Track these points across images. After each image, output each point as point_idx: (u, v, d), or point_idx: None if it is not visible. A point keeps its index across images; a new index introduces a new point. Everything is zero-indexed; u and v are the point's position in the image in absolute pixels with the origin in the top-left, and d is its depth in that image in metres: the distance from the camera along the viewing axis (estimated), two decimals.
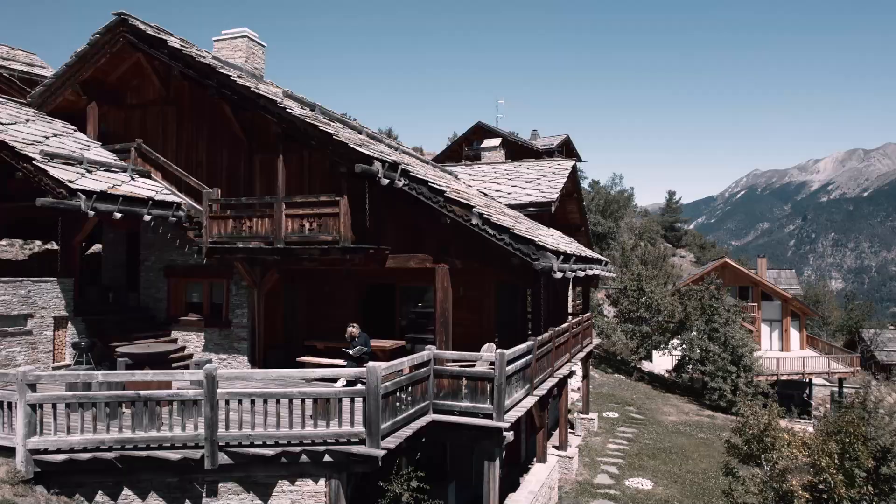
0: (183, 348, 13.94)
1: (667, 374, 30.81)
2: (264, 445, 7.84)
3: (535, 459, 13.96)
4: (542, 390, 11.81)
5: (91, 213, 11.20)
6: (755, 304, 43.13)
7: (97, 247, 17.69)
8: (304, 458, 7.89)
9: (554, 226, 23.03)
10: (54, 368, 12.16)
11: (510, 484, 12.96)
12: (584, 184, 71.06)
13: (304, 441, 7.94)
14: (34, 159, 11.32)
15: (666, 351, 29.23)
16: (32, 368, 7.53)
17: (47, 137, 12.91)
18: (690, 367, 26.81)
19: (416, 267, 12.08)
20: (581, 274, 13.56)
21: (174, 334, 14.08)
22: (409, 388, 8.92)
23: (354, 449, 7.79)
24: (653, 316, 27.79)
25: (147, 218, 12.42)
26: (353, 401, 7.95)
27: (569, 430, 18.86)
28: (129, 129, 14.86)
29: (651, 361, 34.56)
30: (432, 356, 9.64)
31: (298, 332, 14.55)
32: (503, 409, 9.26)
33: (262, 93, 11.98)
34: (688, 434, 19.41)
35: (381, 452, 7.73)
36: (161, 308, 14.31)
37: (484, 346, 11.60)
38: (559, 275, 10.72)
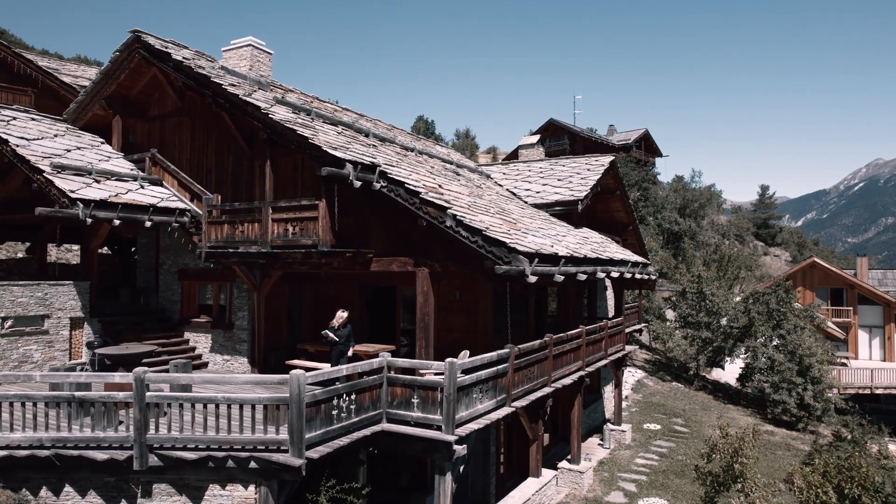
0: (193, 349, 14.51)
1: (736, 384, 28.50)
2: (196, 449, 7.91)
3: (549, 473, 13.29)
4: (525, 401, 11.16)
5: (89, 220, 11.88)
6: (850, 308, 39.05)
7: None
8: (230, 463, 7.86)
9: (595, 225, 21.94)
10: (70, 366, 13.03)
11: None
12: (667, 179, 67.65)
13: (235, 446, 7.92)
14: (44, 171, 12.17)
15: (730, 359, 27.01)
16: None
17: (69, 150, 13.87)
18: (756, 376, 24.57)
19: (398, 270, 11.83)
20: (583, 277, 12.71)
21: (186, 335, 14.69)
22: (353, 396, 8.68)
23: (275, 457, 7.67)
24: (713, 320, 25.73)
25: (148, 224, 13.03)
26: (277, 408, 7.83)
27: (598, 443, 17.88)
28: (151, 140, 15.70)
29: (723, 369, 32.11)
30: (385, 363, 9.35)
31: (303, 334, 14.71)
32: (453, 421, 8.79)
33: (248, 100, 12.21)
34: None
35: (300, 462, 7.55)
36: (176, 310, 14.98)
37: (461, 354, 11.11)
38: (533, 279, 10.08)
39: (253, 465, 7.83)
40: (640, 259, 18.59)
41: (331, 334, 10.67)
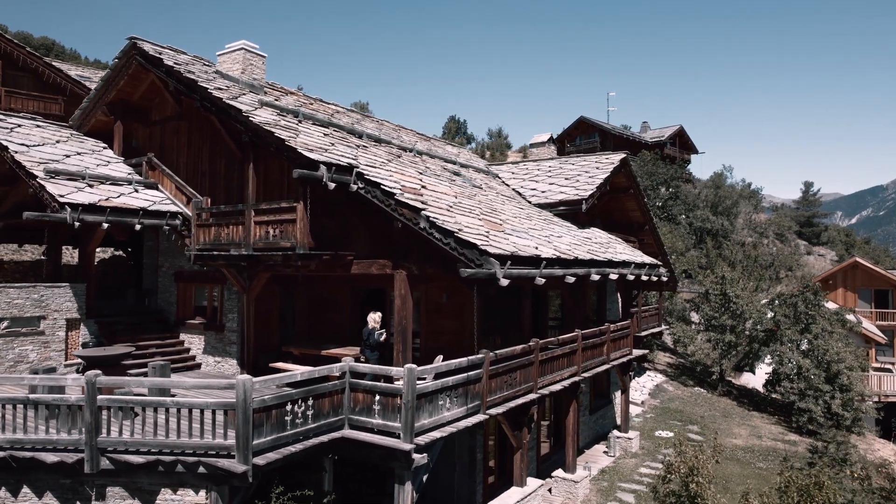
0: (188, 350, 14.67)
1: (763, 390, 27.29)
2: (147, 453, 7.90)
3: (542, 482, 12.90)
4: (503, 408, 10.82)
5: (77, 223, 12.11)
6: (894, 311, 36.92)
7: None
8: (179, 467, 7.82)
9: (610, 225, 21.32)
10: (66, 366, 13.34)
11: None
12: (705, 176, 65.48)
13: (187, 451, 7.88)
14: (38, 176, 12.49)
15: (758, 364, 25.85)
16: None
17: (68, 156, 14.21)
18: (784, 383, 23.40)
19: (377, 273, 11.65)
20: (572, 279, 12.26)
21: (182, 336, 14.87)
22: (311, 402, 8.53)
23: (221, 462, 7.59)
24: (738, 324, 24.64)
25: (138, 227, 13.22)
26: (226, 413, 7.74)
27: (604, 450, 17.32)
28: (152, 144, 15.97)
29: (753, 374, 30.82)
30: (348, 368, 9.18)
31: (297, 336, 14.68)
32: (412, 429, 8.53)
33: (231, 102, 12.24)
34: (745, 462, 16.86)
35: (244, 468, 7.44)
36: (173, 311, 15.20)
37: (436, 358, 10.86)
38: (505, 282, 9.75)
39: (202, 469, 7.77)
40: (648, 260, 17.92)
41: (383, 336, 10.92)
